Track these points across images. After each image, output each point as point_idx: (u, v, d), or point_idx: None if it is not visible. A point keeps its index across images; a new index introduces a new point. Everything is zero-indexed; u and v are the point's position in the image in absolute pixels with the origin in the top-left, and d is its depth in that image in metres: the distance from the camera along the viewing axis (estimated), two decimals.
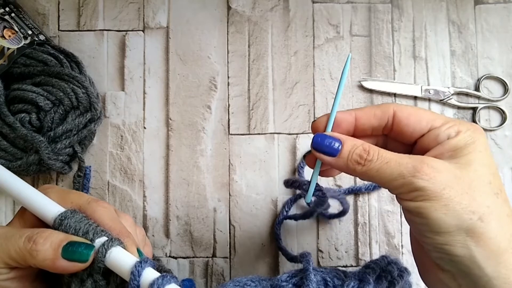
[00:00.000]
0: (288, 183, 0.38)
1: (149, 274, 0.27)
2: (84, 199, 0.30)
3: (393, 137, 0.32)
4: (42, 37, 0.48)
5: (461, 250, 0.26)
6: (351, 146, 0.29)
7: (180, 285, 0.27)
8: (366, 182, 0.50)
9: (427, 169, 0.27)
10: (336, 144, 0.29)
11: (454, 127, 0.29)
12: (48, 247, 0.26)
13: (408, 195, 0.27)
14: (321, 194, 0.34)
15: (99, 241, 0.27)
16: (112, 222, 0.29)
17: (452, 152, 0.28)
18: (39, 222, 0.29)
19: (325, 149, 0.30)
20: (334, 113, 0.31)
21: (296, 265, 0.48)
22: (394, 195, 0.31)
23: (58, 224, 0.28)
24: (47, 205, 0.29)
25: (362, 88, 0.51)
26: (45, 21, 0.51)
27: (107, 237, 0.28)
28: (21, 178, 0.30)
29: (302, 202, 0.50)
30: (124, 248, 0.28)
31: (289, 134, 0.51)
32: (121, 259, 0.27)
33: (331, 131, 0.31)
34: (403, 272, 0.34)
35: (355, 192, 0.49)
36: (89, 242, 0.27)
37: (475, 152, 0.28)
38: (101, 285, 0.28)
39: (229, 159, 0.50)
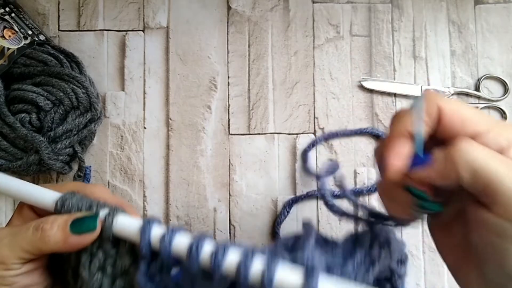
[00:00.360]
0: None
1: (158, 230, 0.27)
2: (80, 184, 0.31)
3: (440, 137, 0.27)
4: (42, 37, 0.48)
5: None
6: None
7: (190, 238, 0.27)
8: (367, 184, 0.50)
9: None
10: (427, 158, 0.24)
11: (503, 134, 0.24)
12: (56, 230, 0.27)
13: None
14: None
15: (103, 212, 0.28)
16: (112, 198, 0.30)
17: None
18: (38, 217, 0.29)
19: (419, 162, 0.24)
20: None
21: None
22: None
23: (61, 206, 0.28)
24: (45, 193, 0.29)
25: (362, 88, 0.51)
26: (45, 21, 0.51)
27: (110, 208, 0.29)
28: (21, 178, 0.31)
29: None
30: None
31: (289, 134, 0.51)
32: (128, 223, 0.28)
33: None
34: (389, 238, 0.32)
35: (356, 193, 0.49)
36: (93, 214, 0.28)
37: None
38: (111, 255, 0.29)
39: (229, 159, 0.50)
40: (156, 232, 0.27)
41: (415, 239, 0.50)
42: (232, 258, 0.26)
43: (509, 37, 0.53)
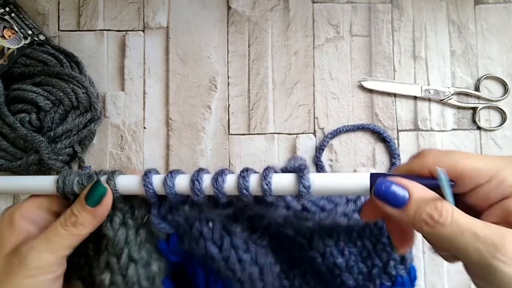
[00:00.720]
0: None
1: (158, 178, 0.30)
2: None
3: None
4: (42, 37, 0.48)
5: None
6: (420, 201, 0.24)
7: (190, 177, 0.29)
8: None
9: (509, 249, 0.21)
10: (402, 193, 0.24)
11: (506, 181, 0.23)
12: (82, 213, 0.29)
13: (483, 277, 0.23)
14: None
15: (103, 177, 0.30)
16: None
17: None
18: (31, 224, 0.30)
19: (388, 197, 0.24)
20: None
21: None
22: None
23: (62, 184, 0.30)
24: (42, 179, 0.31)
25: (362, 88, 0.51)
26: (45, 21, 0.51)
27: (108, 172, 0.31)
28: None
29: None
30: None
31: (289, 134, 0.51)
32: (129, 180, 0.30)
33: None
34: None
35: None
36: (95, 181, 0.30)
37: None
38: (127, 211, 0.31)
39: (229, 159, 0.50)
40: (157, 179, 0.29)
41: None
42: (231, 178, 0.29)
43: (509, 37, 0.53)
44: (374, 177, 0.26)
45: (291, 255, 0.38)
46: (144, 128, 0.51)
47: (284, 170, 0.29)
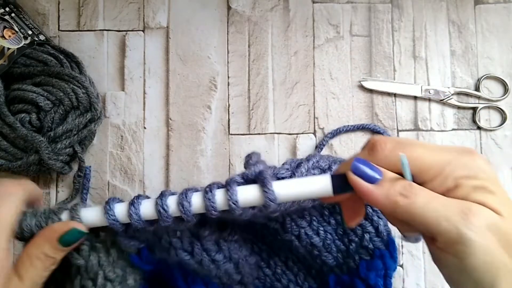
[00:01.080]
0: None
1: (121, 207, 0.29)
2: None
3: None
4: (42, 37, 0.48)
5: None
6: (392, 177, 0.26)
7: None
8: None
9: (476, 219, 0.23)
10: (377, 173, 0.26)
11: (453, 174, 0.25)
12: (58, 254, 0.29)
13: (452, 247, 0.24)
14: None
15: (65, 215, 0.29)
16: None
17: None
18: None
19: (366, 173, 0.26)
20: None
21: None
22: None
23: (21, 230, 0.28)
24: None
25: (362, 88, 0.51)
26: (45, 21, 0.51)
27: (65, 209, 0.30)
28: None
29: None
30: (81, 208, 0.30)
31: (289, 134, 0.51)
32: (92, 213, 0.29)
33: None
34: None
35: None
36: (73, 227, 0.29)
37: (490, 199, 0.24)
38: (93, 238, 0.31)
39: (229, 159, 0.50)
40: (120, 209, 0.29)
41: None
42: (196, 199, 0.28)
43: (509, 37, 0.53)
44: (335, 178, 0.27)
45: (268, 242, 0.38)
46: (144, 128, 0.51)
47: (245, 178, 0.29)
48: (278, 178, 0.31)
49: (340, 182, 0.27)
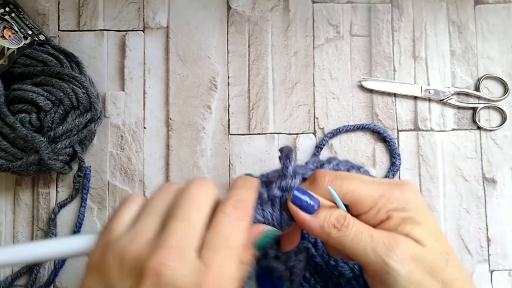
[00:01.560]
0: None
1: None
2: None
3: None
4: (42, 37, 0.48)
5: None
6: (329, 209, 0.28)
7: None
8: None
9: (400, 251, 0.25)
10: (315, 204, 0.28)
11: (385, 207, 0.27)
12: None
13: (379, 275, 0.26)
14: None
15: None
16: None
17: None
18: None
19: (303, 203, 0.28)
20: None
21: None
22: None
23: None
24: (74, 240, 0.28)
25: (362, 88, 0.51)
26: (45, 21, 0.51)
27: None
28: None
29: None
30: None
31: (289, 134, 0.51)
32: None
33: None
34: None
35: None
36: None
37: (416, 230, 0.26)
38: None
39: (229, 159, 0.50)
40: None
41: None
42: None
43: (509, 37, 0.53)
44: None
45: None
46: (144, 128, 0.51)
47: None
48: (304, 179, 0.32)
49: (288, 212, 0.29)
